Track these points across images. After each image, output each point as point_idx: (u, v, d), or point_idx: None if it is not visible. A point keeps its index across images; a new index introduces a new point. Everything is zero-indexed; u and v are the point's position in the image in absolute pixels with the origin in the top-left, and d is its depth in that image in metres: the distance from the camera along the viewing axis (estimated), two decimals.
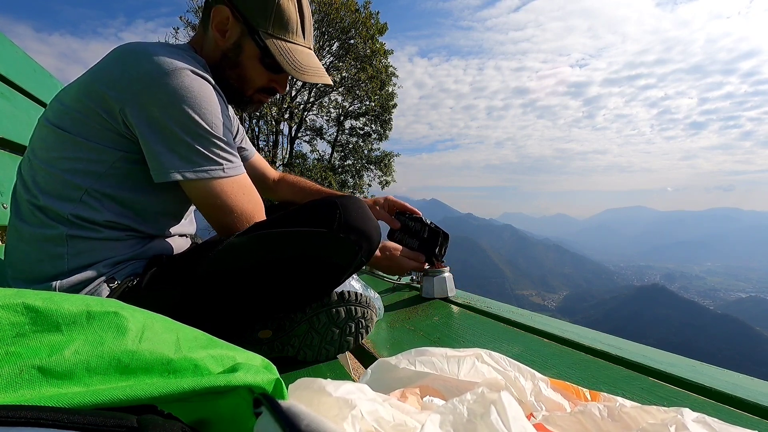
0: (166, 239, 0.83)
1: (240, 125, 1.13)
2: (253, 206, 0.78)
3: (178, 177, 0.69)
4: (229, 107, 0.93)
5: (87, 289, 0.71)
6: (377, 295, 0.99)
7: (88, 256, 0.71)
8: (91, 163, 0.70)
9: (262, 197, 0.84)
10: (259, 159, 1.23)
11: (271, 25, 0.80)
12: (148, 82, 0.67)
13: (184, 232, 0.89)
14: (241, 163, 0.77)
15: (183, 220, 0.88)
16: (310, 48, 0.87)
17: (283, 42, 0.81)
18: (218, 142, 0.72)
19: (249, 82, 0.85)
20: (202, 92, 0.70)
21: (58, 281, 0.69)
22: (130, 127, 0.69)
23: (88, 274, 0.70)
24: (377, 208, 1.21)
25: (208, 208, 0.74)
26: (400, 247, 1.17)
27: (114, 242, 0.73)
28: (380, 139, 12.84)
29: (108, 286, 0.71)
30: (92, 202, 0.71)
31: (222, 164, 0.73)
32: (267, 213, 0.83)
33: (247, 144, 1.18)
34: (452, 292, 1.19)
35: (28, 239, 0.71)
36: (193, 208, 0.91)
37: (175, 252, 0.84)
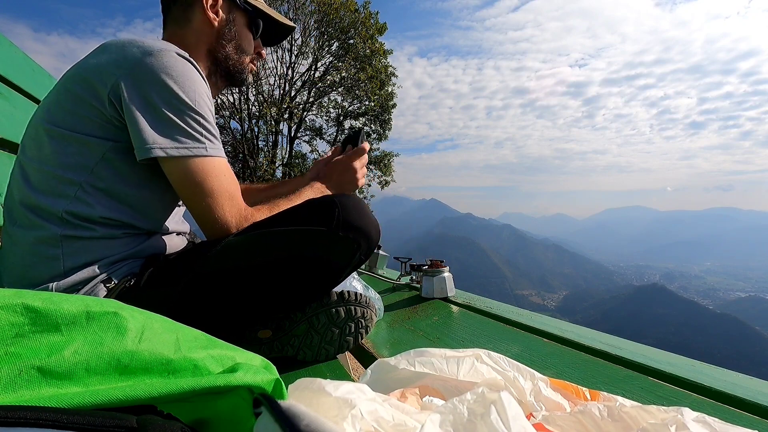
0: (163, 237, 0.83)
1: None
2: (234, 189, 0.77)
3: (160, 153, 0.68)
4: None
5: (83, 290, 0.70)
6: (377, 295, 0.99)
7: (83, 256, 0.70)
8: (82, 156, 0.70)
9: None
10: None
11: None
12: (133, 62, 0.68)
13: (180, 229, 0.89)
14: (222, 148, 0.77)
15: (177, 217, 0.87)
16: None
17: (255, 1, 0.94)
18: (202, 121, 0.72)
19: (246, 51, 0.94)
20: (186, 71, 0.71)
21: (55, 283, 0.69)
22: (117, 109, 0.69)
23: (85, 274, 0.70)
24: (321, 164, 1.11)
25: (187, 187, 0.72)
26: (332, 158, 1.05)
27: (109, 240, 0.73)
28: (380, 139, 12.83)
29: (105, 286, 0.71)
30: (86, 197, 0.70)
31: (204, 143, 0.72)
32: None
33: None
34: (452, 291, 1.20)
35: (22, 242, 0.70)
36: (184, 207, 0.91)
37: (173, 250, 0.83)
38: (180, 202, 0.88)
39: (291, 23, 1.02)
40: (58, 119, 0.70)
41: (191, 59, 0.74)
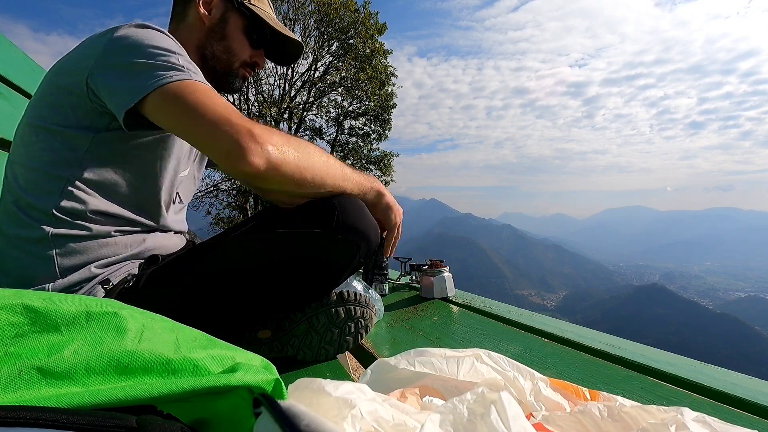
0: (160, 236, 0.82)
1: None
2: (232, 108, 0.68)
3: (143, 93, 0.64)
4: None
5: (82, 292, 0.70)
6: (377, 296, 0.99)
7: (77, 256, 0.70)
8: (68, 151, 0.70)
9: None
10: None
11: None
12: (108, 39, 0.68)
13: (179, 229, 0.88)
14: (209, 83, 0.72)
15: (170, 210, 0.85)
16: (272, 12, 0.96)
17: (257, 8, 0.89)
18: (180, 59, 0.69)
19: (235, 54, 0.90)
20: (159, 34, 0.71)
21: (51, 284, 0.69)
22: (96, 92, 0.67)
23: (81, 275, 0.69)
24: None
25: (180, 113, 0.64)
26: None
27: (104, 240, 0.72)
28: (379, 139, 12.83)
29: (103, 287, 0.71)
30: (75, 192, 0.70)
31: (186, 72, 0.67)
32: (260, 217, 0.82)
33: None
34: (451, 291, 1.20)
35: (15, 243, 0.70)
36: (182, 206, 0.90)
37: (171, 251, 0.83)
38: (176, 199, 0.87)
39: (296, 37, 0.96)
40: (43, 115, 0.71)
41: (165, 31, 0.73)
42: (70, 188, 0.70)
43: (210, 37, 0.87)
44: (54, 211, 0.69)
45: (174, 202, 0.88)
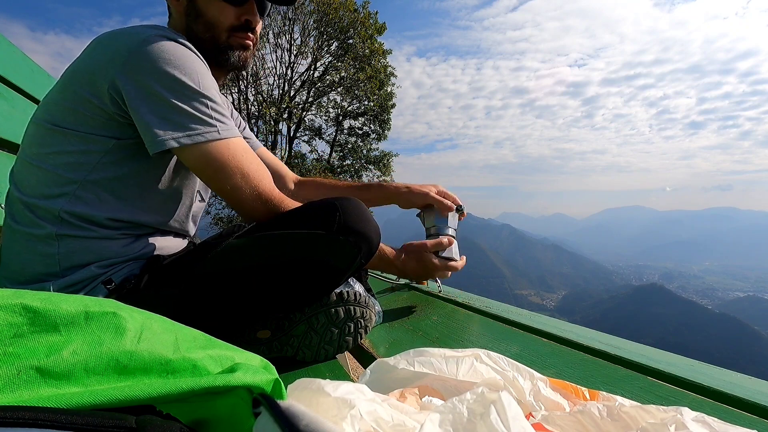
0: (162, 238, 0.82)
1: (239, 116, 1.11)
2: (256, 166, 0.75)
3: (173, 144, 0.67)
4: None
5: (84, 291, 0.70)
6: (376, 301, 0.99)
7: (80, 256, 0.70)
8: (83, 154, 0.70)
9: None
10: (266, 154, 1.17)
11: None
12: (129, 53, 0.66)
13: (183, 230, 0.88)
14: (235, 127, 0.75)
15: (180, 214, 0.84)
16: None
17: None
18: (209, 103, 0.70)
19: (216, 25, 0.80)
20: (185, 55, 0.69)
21: (52, 282, 0.69)
22: (119, 103, 0.67)
23: (83, 274, 0.70)
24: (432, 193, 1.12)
25: (209, 173, 0.71)
26: (426, 243, 1.05)
27: (107, 241, 0.72)
28: (379, 139, 12.85)
29: (106, 287, 0.71)
30: (86, 195, 0.70)
31: (216, 126, 0.70)
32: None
33: (248, 134, 1.14)
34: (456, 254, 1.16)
35: (20, 239, 0.70)
36: (195, 208, 0.90)
37: (172, 252, 0.83)
38: (188, 201, 0.87)
39: None
40: (59, 118, 0.70)
41: (187, 42, 0.72)
42: (80, 192, 0.70)
43: (188, 21, 0.80)
44: (61, 213, 0.69)
45: (196, 201, 0.88)
